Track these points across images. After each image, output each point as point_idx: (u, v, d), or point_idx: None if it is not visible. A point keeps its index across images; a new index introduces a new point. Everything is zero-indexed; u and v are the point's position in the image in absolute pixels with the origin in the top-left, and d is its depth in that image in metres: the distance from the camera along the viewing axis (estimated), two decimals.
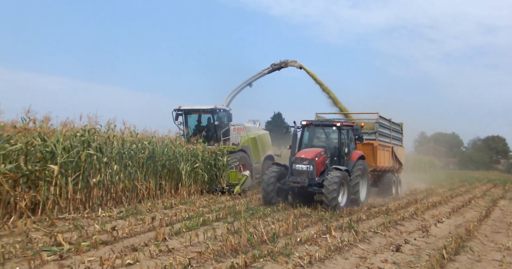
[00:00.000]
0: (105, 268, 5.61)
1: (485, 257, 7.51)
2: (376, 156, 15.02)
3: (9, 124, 10.69)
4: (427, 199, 16.97)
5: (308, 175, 12.00)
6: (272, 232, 7.77)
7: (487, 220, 11.97)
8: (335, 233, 8.28)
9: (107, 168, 11.85)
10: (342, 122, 13.36)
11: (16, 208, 9.34)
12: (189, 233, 7.79)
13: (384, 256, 7.02)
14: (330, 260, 6.47)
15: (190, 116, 18.22)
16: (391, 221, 10.22)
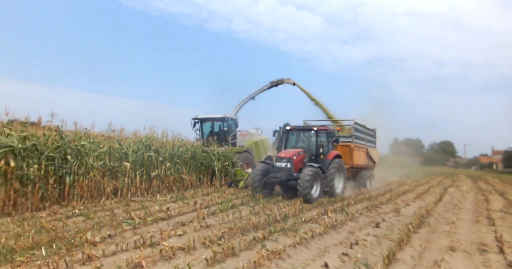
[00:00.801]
0: (163, 237, 5.69)
1: (438, 229, 7.64)
2: (352, 155, 13.90)
3: (99, 134, 11.27)
4: (399, 188, 16.81)
5: (286, 171, 10.94)
6: (283, 214, 7.73)
7: (440, 203, 12.00)
8: (331, 214, 8.19)
9: (162, 165, 11.97)
10: (319, 127, 12.20)
11: (104, 192, 9.90)
12: (221, 213, 7.79)
13: (367, 231, 6.97)
14: (327, 235, 6.43)
15: (204, 124, 16.98)
16: (373, 205, 10.09)
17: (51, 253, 4.77)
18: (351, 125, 14.70)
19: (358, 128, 14.91)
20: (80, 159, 9.47)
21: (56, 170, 8.86)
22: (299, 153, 11.46)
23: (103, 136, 11.27)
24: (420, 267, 4.96)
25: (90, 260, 4.50)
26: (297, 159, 11.22)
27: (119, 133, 11.80)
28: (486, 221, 8.97)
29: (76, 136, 9.91)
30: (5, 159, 7.78)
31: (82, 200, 9.22)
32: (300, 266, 4.63)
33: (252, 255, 4.80)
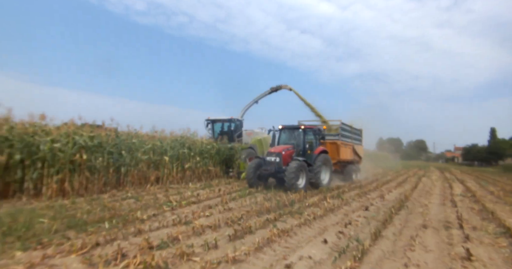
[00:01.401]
0: (195, 217, 5.73)
1: (414, 211, 7.51)
2: (339, 151, 13.00)
3: (145, 134, 11.36)
4: (383, 178, 16.49)
5: (275, 164, 10.05)
6: (290, 199, 7.69)
7: (416, 190, 11.72)
8: (329, 200, 8.10)
9: (193, 159, 12.03)
10: (306, 126, 11.18)
11: (149, 180, 10.03)
12: (240, 199, 7.81)
13: (358, 213, 6.85)
14: (326, 216, 6.36)
15: (215, 124, 16.19)
16: (363, 192, 9.93)
17: (112, 226, 4.90)
18: (338, 125, 13.88)
19: (344, 128, 14.07)
20: (132, 154, 9.69)
21: (114, 162, 9.12)
22: (288, 148, 10.58)
23: (148, 135, 11.41)
24: (400, 241, 4.88)
25: (140, 233, 4.60)
26: (285, 154, 10.34)
27: (160, 133, 11.98)
28: (450, 203, 8.85)
29: (128, 135, 10.18)
30: (79, 153, 8.10)
31: (133, 186, 9.43)
32: (305, 242, 4.61)
33: (266, 233, 4.80)
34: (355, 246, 4.42)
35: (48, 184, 7.51)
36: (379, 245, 4.59)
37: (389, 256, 4.20)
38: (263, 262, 3.72)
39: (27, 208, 6.15)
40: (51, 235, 4.38)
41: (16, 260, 3.41)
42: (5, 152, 7.02)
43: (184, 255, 3.66)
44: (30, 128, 7.93)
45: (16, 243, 3.96)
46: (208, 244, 4.08)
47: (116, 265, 3.38)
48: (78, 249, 3.73)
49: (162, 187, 9.74)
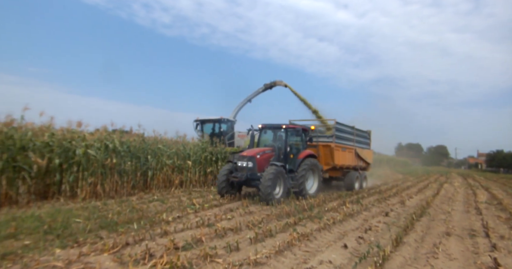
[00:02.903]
0: (217, 219, 5.79)
1: (436, 217, 7.21)
2: (333, 156, 10.70)
3: (170, 139, 11.60)
4: (403, 184, 15.88)
5: (247, 170, 8.12)
6: (310, 204, 7.59)
7: (438, 196, 11.24)
8: (349, 205, 7.92)
9: (215, 163, 12.08)
10: (288, 125, 9.19)
11: (174, 183, 10.22)
12: (260, 203, 7.77)
13: (378, 219, 6.65)
14: (346, 221, 6.22)
15: (205, 125, 14.31)
16: (382, 198, 9.63)
17: (140, 227, 5.05)
18: (332, 125, 11.45)
19: (340, 129, 11.56)
20: (157, 158, 9.97)
21: (142, 166, 9.42)
22: (264, 151, 8.65)
23: (172, 141, 11.58)
24: (422, 248, 4.68)
25: (165, 234, 4.70)
26: (261, 158, 8.40)
27: (183, 139, 12.20)
28: (475, 211, 8.39)
29: (154, 140, 10.48)
30: (110, 157, 8.47)
31: (158, 189, 9.69)
32: (325, 246, 4.53)
33: (286, 236, 4.77)
34: (376, 252, 4.28)
35: (83, 186, 7.87)
36: (400, 252, 4.42)
37: (411, 263, 4.03)
38: (283, 265, 3.69)
39: (64, 208, 6.47)
40: (86, 234, 4.57)
41: (56, 257, 3.59)
42: (46, 156, 7.44)
43: (208, 256, 3.70)
44: (68, 134, 8.37)
45: (55, 241, 4.18)
46: (230, 246, 4.11)
47: (144, 264, 3.47)
48: (110, 248, 3.87)
49: (186, 190, 9.92)
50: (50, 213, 5.80)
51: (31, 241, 4.15)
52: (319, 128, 11.73)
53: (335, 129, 11.18)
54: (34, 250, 3.79)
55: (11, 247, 3.91)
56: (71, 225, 4.98)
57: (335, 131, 11.13)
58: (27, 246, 3.94)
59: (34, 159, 7.08)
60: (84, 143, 8.24)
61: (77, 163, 7.94)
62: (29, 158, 7.12)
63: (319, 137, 11.14)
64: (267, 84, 16.28)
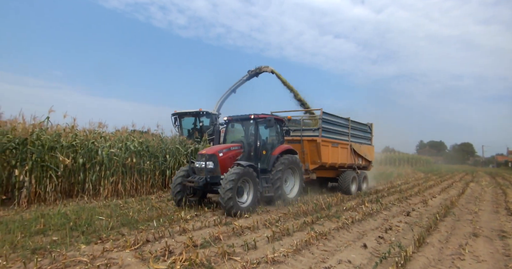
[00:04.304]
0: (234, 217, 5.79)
1: (462, 218, 6.89)
2: (320, 152, 8.90)
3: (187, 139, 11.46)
4: (425, 183, 15.31)
5: (206, 173, 6.54)
6: (327, 203, 7.46)
7: (463, 196, 10.75)
8: (368, 204, 7.74)
9: None
10: (257, 115, 7.42)
11: None
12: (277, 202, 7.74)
13: (399, 219, 6.46)
14: (365, 221, 6.08)
15: (183, 119, 12.42)
16: (403, 197, 9.33)
17: (159, 225, 5.16)
18: (318, 116, 9.43)
19: (329, 120, 9.62)
20: (175, 158, 10.16)
21: (160, 165, 9.65)
22: (230, 148, 7.11)
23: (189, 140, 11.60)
24: (447, 249, 4.49)
25: (184, 232, 4.78)
26: (225, 157, 6.86)
27: None
28: (505, 211, 7.92)
29: (172, 140, 10.68)
30: (130, 157, 8.74)
31: None
32: (343, 245, 4.45)
33: (303, 235, 4.73)
34: (397, 252, 4.16)
35: (105, 185, 8.17)
36: (423, 252, 4.27)
37: (435, 264, 3.89)
38: (301, 264, 3.66)
39: (88, 206, 6.74)
40: (108, 231, 4.73)
41: (81, 252, 3.74)
42: (70, 156, 7.78)
43: (226, 254, 3.73)
44: (91, 135, 8.71)
45: (80, 237, 4.36)
46: (248, 244, 4.12)
47: (164, 261, 3.55)
48: (131, 245, 3.99)
49: None
50: (75, 211, 6.06)
51: (58, 237, 4.35)
52: (306, 121, 10.08)
53: (322, 121, 9.19)
54: (61, 245, 3.97)
55: (40, 242, 4.11)
56: (94, 222, 5.18)
57: (321, 123, 9.14)
58: (55, 242, 4.13)
59: (60, 158, 7.42)
60: (108, 144, 8.56)
61: (99, 162, 8.24)
62: (56, 158, 7.47)
63: (304, 130, 9.33)
64: (252, 71, 14.41)
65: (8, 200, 6.79)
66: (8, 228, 4.71)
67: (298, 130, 9.27)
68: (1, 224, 4.92)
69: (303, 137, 9.14)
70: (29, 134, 7.25)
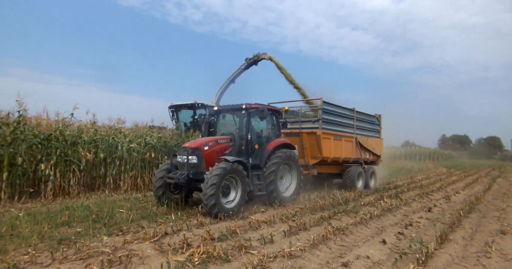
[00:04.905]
0: (251, 212, 5.84)
1: (488, 214, 6.61)
2: (320, 146, 8.22)
3: None
4: (448, 178, 14.78)
5: (188, 168, 5.92)
6: (345, 198, 7.38)
7: (489, 191, 10.27)
8: (387, 200, 7.57)
9: None
10: (249, 105, 6.65)
11: None
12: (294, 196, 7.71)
13: (420, 215, 6.27)
14: (384, 216, 5.96)
15: (180, 112, 11.78)
16: (424, 192, 9.04)
17: (177, 218, 5.28)
18: (318, 106, 8.62)
19: (331, 111, 8.87)
20: None
21: None
22: (217, 141, 6.38)
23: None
24: (471, 247, 4.33)
25: (201, 226, 4.86)
26: (211, 151, 6.15)
27: None
28: None
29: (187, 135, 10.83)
30: (149, 152, 8.98)
31: None
32: (361, 241, 4.38)
33: (320, 230, 4.70)
34: (418, 249, 4.05)
35: (125, 179, 8.44)
36: (446, 249, 4.13)
37: (458, 262, 3.76)
38: (318, 259, 3.64)
39: (109, 199, 6.99)
40: (129, 223, 4.89)
41: (104, 244, 3.89)
42: (92, 151, 8.07)
43: (243, 247, 3.76)
44: (111, 131, 8.98)
45: (103, 229, 4.53)
46: (264, 238, 4.14)
47: (182, 253, 3.63)
48: (150, 237, 4.10)
49: None
50: (97, 204, 6.30)
51: (82, 228, 4.54)
52: (307, 112, 9.42)
53: (322, 111, 8.45)
54: (85, 236, 4.14)
55: (65, 233, 4.31)
56: (115, 215, 5.36)
57: (322, 114, 8.41)
58: (79, 233, 4.32)
59: (82, 153, 7.72)
60: (128, 139, 8.82)
61: (119, 157, 8.50)
62: (78, 153, 7.77)
63: (303, 122, 8.63)
64: (250, 59, 13.67)
65: (35, 193, 7.15)
66: (36, 219, 4.96)
67: (297, 123, 8.65)
68: (30, 216, 5.19)
69: (302, 129, 8.47)
70: (53, 130, 7.57)
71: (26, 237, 4.04)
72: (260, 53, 13.41)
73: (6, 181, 6.55)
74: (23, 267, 3.15)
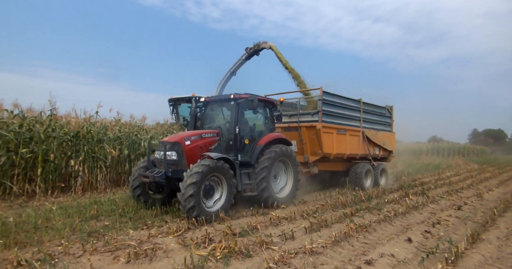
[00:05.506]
0: (271, 208, 5.86)
1: None
2: (321, 141, 7.44)
3: None
4: (480, 175, 14.00)
5: (166, 165, 5.26)
6: (367, 195, 7.21)
7: None
8: (412, 197, 7.31)
9: None
10: (238, 95, 5.98)
11: None
12: (314, 193, 7.68)
13: (449, 213, 6.02)
14: (409, 214, 5.77)
15: (179, 106, 11.15)
16: (453, 190, 8.64)
17: None
18: (317, 97, 7.78)
19: (332, 102, 8.05)
20: None
21: None
22: (201, 135, 5.73)
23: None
24: (507, 247, 4.10)
25: (223, 221, 4.94)
26: (193, 146, 5.53)
27: None
28: None
29: None
30: None
31: None
32: (385, 239, 4.28)
33: (342, 227, 4.63)
34: (447, 248, 3.90)
35: None
36: (478, 249, 3.95)
37: (492, 263, 3.58)
38: (341, 256, 3.60)
39: None
40: (153, 218, 5.07)
41: (130, 237, 4.06)
42: (117, 148, 8.40)
43: (264, 243, 3.79)
44: (134, 128, 9.31)
45: (128, 223, 4.73)
46: (285, 234, 4.14)
47: (205, 247, 3.71)
48: (174, 231, 4.23)
49: None
50: (123, 198, 6.58)
51: (109, 222, 4.77)
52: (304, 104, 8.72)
53: (322, 102, 7.64)
54: (112, 229, 4.35)
55: (94, 226, 4.54)
56: (140, 210, 5.57)
57: (321, 105, 7.60)
58: (106, 226, 4.54)
59: (108, 150, 8.06)
60: (150, 136, 9.10)
61: (143, 154, 8.79)
62: (104, 149, 8.12)
63: (302, 115, 7.88)
64: (250, 48, 12.86)
65: (66, 188, 7.58)
66: (67, 212, 5.27)
67: (295, 116, 7.90)
68: (62, 209, 5.51)
69: (301, 123, 7.70)
70: (81, 128, 7.96)
71: (59, 229, 4.31)
72: (261, 42, 12.60)
73: (40, 176, 6.98)
74: (58, 257, 3.36)
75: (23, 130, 7.07)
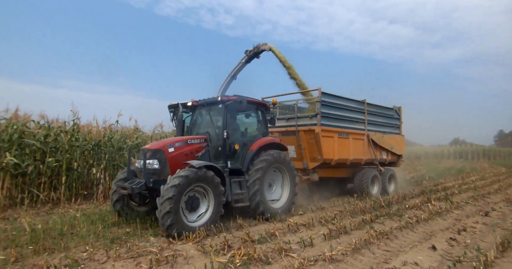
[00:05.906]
0: (289, 215, 5.85)
1: None
2: (320, 146, 6.98)
3: None
4: (508, 179, 13.38)
5: (146, 175, 4.88)
6: (387, 200, 7.06)
7: None
8: (435, 203, 7.07)
9: None
10: (227, 97, 5.61)
11: None
12: (332, 199, 7.58)
13: (475, 219, 5.80)
14: (432, 220, 5.60)
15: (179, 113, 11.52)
16: (479, 195, 8.31)
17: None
18: (316, 99, 7.35)
19: (331, 103, 7.55)
20: None
21: None
22: (186, 141, 5.35)
23: None
24: None
25: (241, 228, 4.97)
26: (177, 153, 5.15)
27: None
28: None
29: None
30: None
31: None
32: (408, 246, 4.17)
33: (362, 234, 4.56)
34: (475, 256, 3.75)
35: None
36: (509, 258, 3.78)
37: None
38: (362, 264, 3.54)
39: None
40: None
41: (151, 244, 4.17)
42: (136, 155, 8.65)
43: (282, 250, 3.79)
44: (151, 135, 9.56)
45: (149, 230, 4.85)
46: (304, 241, 4.12)
47: (224, 254, 3.76)
48: (193, 238, 4.30)
49: None
50: None
51: (130, 229, 4.91)
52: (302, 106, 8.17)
53: (321, 104, 7.18)
54: (134, 236, 4.47)
55: (116, 233, 4.69)
56: None
57: (320, 107, 7.15)
58: (128, 233, 4.67)
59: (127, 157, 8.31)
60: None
61: None
62: (124, 157, 8.39)
63: (300, 118, 7.44)
64: (250, 50, 12.39)
65: (88, 195, 7.86)
66: (90, 219, 5.46)
67: (293, 119, 7.48)
68: (85, 216, 5.72)
69: (299, 126, 7.29)
70: (102, 136, 8.27)
71: (84, 236, 4.48)
72: (260, 44, 12.00)
73: (65, 184, 7.28)
74: (83, 264, 3.50)
75: (49, 140, 7.43)
